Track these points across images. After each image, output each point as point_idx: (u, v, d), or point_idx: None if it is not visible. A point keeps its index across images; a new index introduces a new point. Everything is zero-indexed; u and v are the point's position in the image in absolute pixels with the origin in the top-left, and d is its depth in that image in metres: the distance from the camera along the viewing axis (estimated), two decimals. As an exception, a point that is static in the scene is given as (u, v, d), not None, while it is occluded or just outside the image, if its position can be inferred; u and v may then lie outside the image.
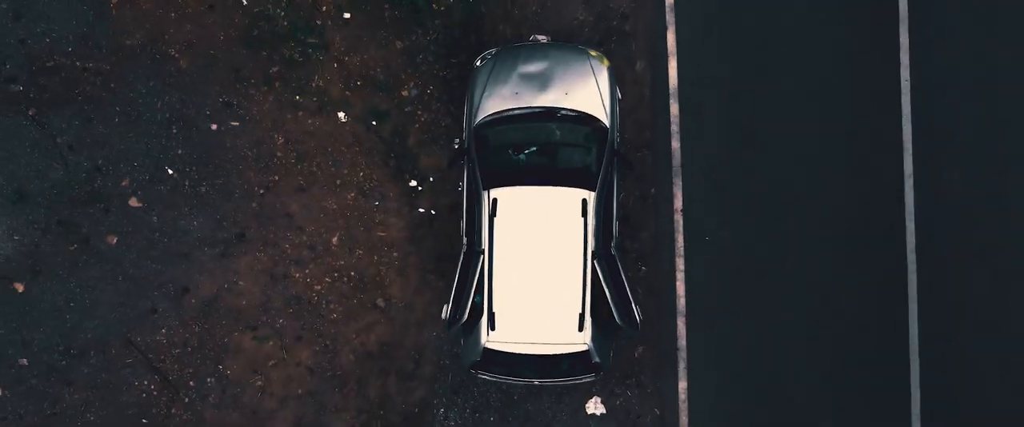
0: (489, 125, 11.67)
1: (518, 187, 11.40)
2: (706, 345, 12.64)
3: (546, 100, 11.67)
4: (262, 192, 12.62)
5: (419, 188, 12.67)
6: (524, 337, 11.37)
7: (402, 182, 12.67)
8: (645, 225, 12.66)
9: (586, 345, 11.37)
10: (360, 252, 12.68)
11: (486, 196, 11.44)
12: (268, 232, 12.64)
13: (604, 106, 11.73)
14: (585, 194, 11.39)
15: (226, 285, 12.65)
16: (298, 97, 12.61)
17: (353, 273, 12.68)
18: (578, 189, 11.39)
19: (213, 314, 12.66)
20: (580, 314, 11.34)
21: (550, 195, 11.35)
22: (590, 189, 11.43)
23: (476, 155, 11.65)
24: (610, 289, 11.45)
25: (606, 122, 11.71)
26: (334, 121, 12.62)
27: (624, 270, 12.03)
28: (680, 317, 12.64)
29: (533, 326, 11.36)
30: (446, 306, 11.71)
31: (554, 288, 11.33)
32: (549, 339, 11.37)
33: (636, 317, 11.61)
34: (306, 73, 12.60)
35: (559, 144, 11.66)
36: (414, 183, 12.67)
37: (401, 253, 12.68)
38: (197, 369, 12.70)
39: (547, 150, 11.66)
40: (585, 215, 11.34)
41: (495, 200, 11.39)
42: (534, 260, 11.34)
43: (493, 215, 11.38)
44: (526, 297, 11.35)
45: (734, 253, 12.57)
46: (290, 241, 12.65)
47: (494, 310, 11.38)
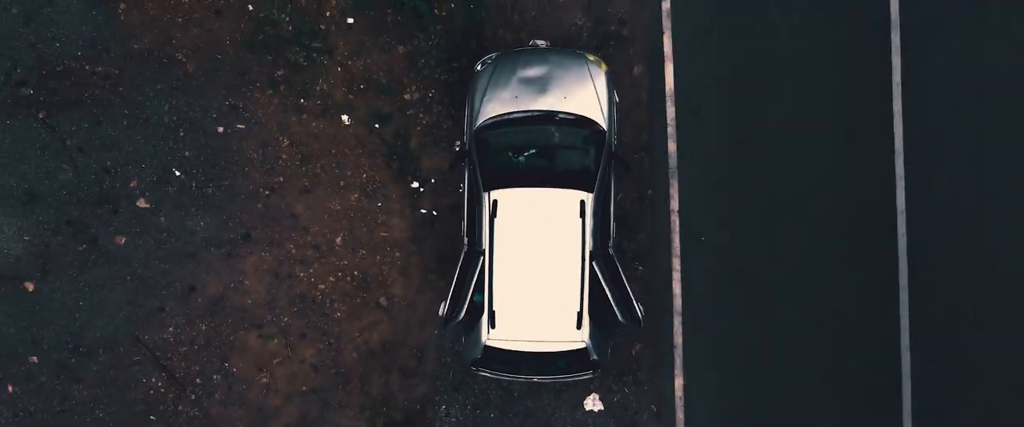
0: (489, 128, 11.66)
1: (518, 189, 11.37)
2: (702, 343, 12.63)
3: (545, 104, 11.66)
4: (267, 193, 12.64)
5: (421, 189, 12.69)
6: (524, 335, 11.37)
7: (404, 184, 12.68)
8: (642, 226, 12.66)
9: (584, 343, 11.37)
10: (363, 252, 12.69)
11: (486, 197, 11.45)
12: (273, 232, 12.64)
13: (602, 109, 11.72)
14: (583, 196, 11.36)
15: (232, 284, 12.66)
16: (302, 100, 12.61)
17: (356, 272, 12.69)
18: (576, 191, 11.35)
19: (219, 313, 12.67)
20: (578, 313, 11.31)
21: (549, 197, 11.32)
22: (588, 191, 11.41)
23: (477, 157, 11.63)
24: (610, 288, 11.43)
25: (604, 125, 11.69)
26: (338, 124, 12.64)
27: (622, 269, 11.95)
28: (676, 316, 12.63)
29: (532, 324, 11.35)
30: (443, 304, 11.68)
31: (553, 287, 11.32)
32: (548, 337, 11.35)
33: (638, 313, 11.58)
34: (310, 77, 12.59)
35: (558, 147, 11.63)
36: (416, 185, 12.69)
37: (403, 253, 12.70)
38: (204, 366, 12.71)
39: (546, 152, 11.63)
40: (583, 216, 11.33)
41: (495, 201, 11.39)
42: (533, 260, 11.33)
43: (493, 216, 11.37)
44: (526, 296, 11.34)
45: (729, 253, 12.55)
46: (295, 241, 12.65)
47: (494, 309, 11.36)
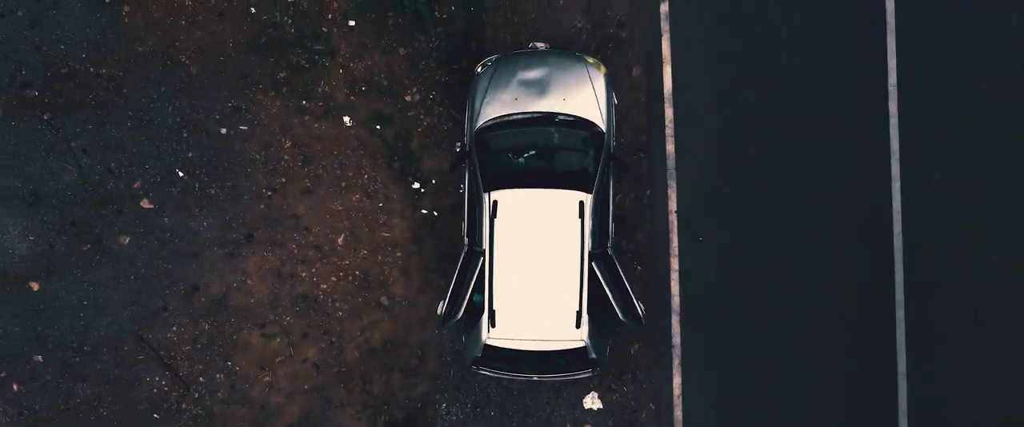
0: (490, 129, 11.67)
1: (518, 189, 11.39)
2: (700, 343, 12.65)
3: (545, 105, 11.67)
4: (270, 194, 12.66)
5: (422, 190, 12.71)
6: (523, 334, 11.39)
7: (405, 184, 12.70)
8: (640, 226, 12.68)
9: (583, 341, 11.40)
10: (365, 252, 12.71)
11: (487, 198, 11.48)
12: (276, 233, 12.66)
13: (601, 111, 11.73)
14: (582, 196, 11.38)
15: (235, 284, 12.68)
16: (305, 102, 12.63)
17: (358, 272, 12.72)
18: (575, 191, 11.38)
19: (222, 312, 12.69)
20: (577, 312, 11.35)
21: (548, 197, 11.35)
22: (587, 191, 11.44)
23: (477, 158, 11.66)
24: (610, 287, 11.46)
25: (602, 126, 11.70)
26: (339, 125, 12.66)
27: (621, 269, 11.91)
28: (674, 315, 12.64)
29: (532, 323, 11.38)
30: (442, 302, 11.69)
31: (552, 287, 11.35)
32: (547, 336, 11.38)
33: (639, 311, 11.57)
34: (312, 79, 12.61)
35: (557, 148, 11.64)
36: (417, 185, 12.71)
37: (404, 253, 12.72)
38: (207, 365, 12.73)
39: (546, 154, 11.63)
40: (582, 217, 11.35)
41: (495, 202, 11.41)
42: (533, 260, 11.35)
43: (493, 216, 11.40)
44: (525, 295, 11.37)
45: (727, 253, 12.58)
46: (297, 241, 12.68)
47: (494, 308, 11.38)
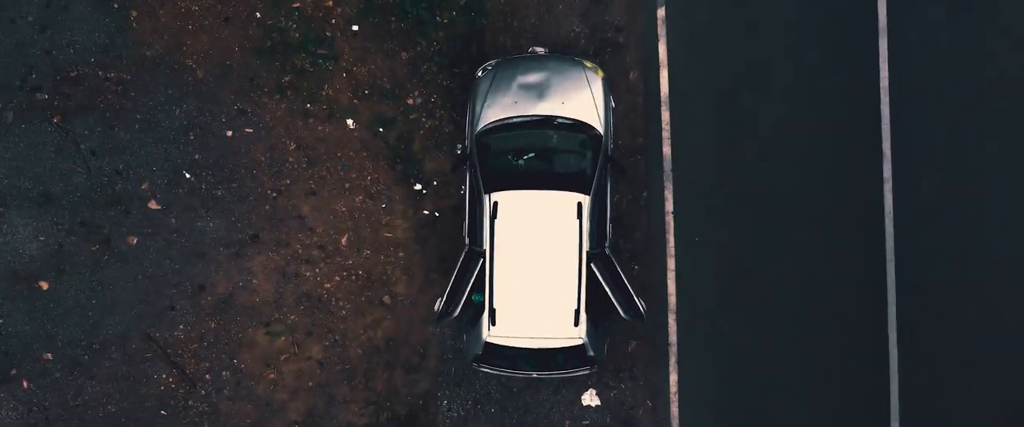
0: (490, 132, 11.70)
1: (517, 191, 11.43)
2: (696, 340, 12.66)
3: (544, 109, 11.70)
4: (275, 195, 12.71)
5: (423, 191, 12.75)
6: (523, 332, 11.44)
7: (407, 186, 12.74)
8: (638, 226, 12.70)
9: (581, 339, 11.44)
10: (368, 252, 12.75)
11: (487, 199, 11.52)
12: (280, 233, 12.71)
13: (598, 114, 11.76)
14: (580, 198, 11.42)
15: (241, 283, 12.72)
16: (309, 105, 12.66)
17: (361, 272, 12.76)
18: (574, 193, 11.42)
19: (228, 311, 12.74)
20: (576, 310, 11.39)
21: (547, 199, 11.39)
22: (585, 193, 11.47)
23: (478, 160, 11.69)
24: (610, 286, 11.50)
25: (600, 129, 11.73)
26: (343, 128, 12.69)
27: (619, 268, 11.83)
28: (671, 314, 12.68)
29: (532, 322, 11.42)
30: (439, 300, 11.73)
31: (551, 286, 11.38)
32: (546, 334, 11.42)
33: (640, 308, 11.57)
34: (316, 82, 12.63)
35: (556, 150, 11.67)
36: (419, 187, 12.75)
37: (406, 253, 12.75)
38: (213, 363, 12.78)
39: (545, 156, 11.67)
40: (580, 217, 11.39)
41: (496, 203, 11.45)
42: (532, 260, 11.39)
43: (494, 217, 11.44)
44: (525, 294, 11.41)
45: (722, 253, 12.59)
46: (301, 242, 12.72)
47: (495, 307, 11.43)
